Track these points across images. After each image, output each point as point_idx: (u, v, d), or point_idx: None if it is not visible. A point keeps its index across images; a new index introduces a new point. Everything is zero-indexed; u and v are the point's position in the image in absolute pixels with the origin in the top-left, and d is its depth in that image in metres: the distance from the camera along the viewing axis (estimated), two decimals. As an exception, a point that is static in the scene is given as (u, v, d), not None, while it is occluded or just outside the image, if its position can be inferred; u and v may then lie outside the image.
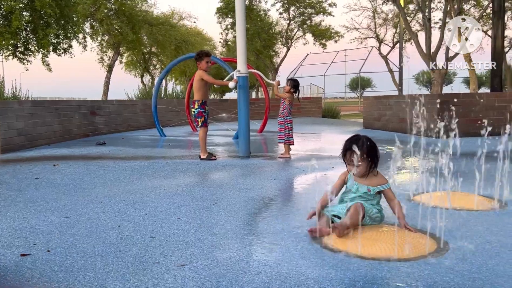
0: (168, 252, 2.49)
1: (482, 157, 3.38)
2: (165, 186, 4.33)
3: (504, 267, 2.20)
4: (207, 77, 6.01)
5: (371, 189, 2.78)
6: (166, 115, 12.05)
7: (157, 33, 27.53)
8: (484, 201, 3.45)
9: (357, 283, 2.04)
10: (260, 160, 5.98)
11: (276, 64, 33.01)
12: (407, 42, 26.12)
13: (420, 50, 12.61)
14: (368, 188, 2.78)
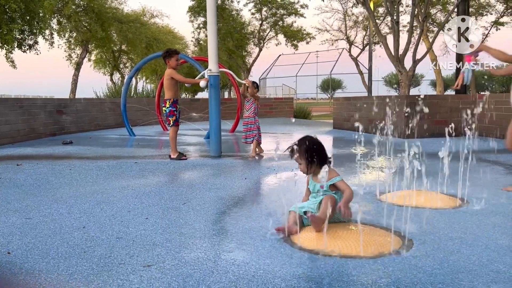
0: (134, 252, 2.45)
1: (445, 157, 3.48)
2: (133, 186, 4.25)
3: (464, 262, 2.27)
4: (178, 76, 5.95)
5: (324, 185, 2.85)
6: (135, 114, 11.86)
7: (127, 30, 27.02)
8: (447, 199, 3.56)
9: (323, 280, 2.07)
10: (231, 160, 5.97)
11: (249, 64, 33.04)
12: (377, 44, 26.65)
13: (388, 53, 12.88)
14: (321, 185, 2.86)
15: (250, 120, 6.30)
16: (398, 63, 12.85)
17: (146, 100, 13.06)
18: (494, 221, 2.99)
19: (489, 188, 3.89)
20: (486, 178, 4.49)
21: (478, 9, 26.80)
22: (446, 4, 25.78)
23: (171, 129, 5.96)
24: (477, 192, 3.69)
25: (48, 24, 22.77)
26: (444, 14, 25.65)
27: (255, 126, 6.29)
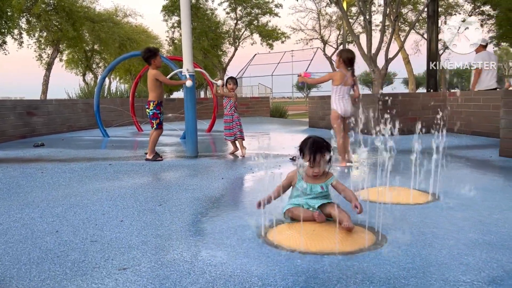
0: (109, 256, 2.42)
1: (418, 154, 3.56)
2: (107, 189, 4.19)
3: (435, 256, 2.33)
4: (163, 77, 5.89)
5: (324, 186, 2.84)
6: (109, 115, 11.66)
7: (100, 30, 26.56)
8: (419, 195, 3.65)
9: (299, 278, 2.09)
10: (208, 160, 5.95)
11: (224, 64, 32.98)
12: (350, 43, 27.03)
13: (361, 52, 13.10)
14: (321, 185, 2.84)
15: (228, 119, 6.30)
16: (371, 62, 13.08)
17: (120, 100, 12.86)
18: (464, 215, 3.08)
19: (459, 183, 4.00)
20: (456, 173, 4.62)
21: (447, 9, 27.52)
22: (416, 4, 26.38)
23: (154, 132, 5.87)
24: (447, 187, 3.80)
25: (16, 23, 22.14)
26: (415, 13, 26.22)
27: (233, 124, 6.27)
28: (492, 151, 6.02)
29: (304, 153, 2.78)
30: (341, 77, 5.14)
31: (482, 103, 7.88)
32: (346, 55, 5.18)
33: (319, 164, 2.74)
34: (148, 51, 5.84)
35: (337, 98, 5.16)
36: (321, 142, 2.78)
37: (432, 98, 8.81)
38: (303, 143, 2.81)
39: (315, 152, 2.73)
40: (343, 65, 5.16)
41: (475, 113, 8.01)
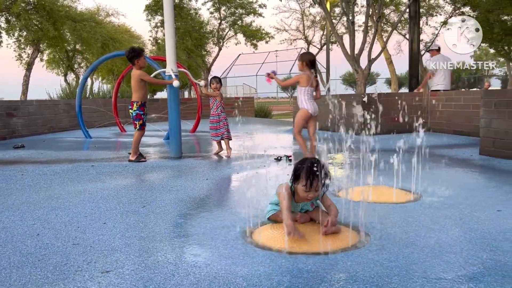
0: (92, 259, 2.38)
1: (400, 153, 3.61)
2: (90, 190, 4.13)
3: (418, 254, 2.37)
4: (148, 77, 5.84)
5: (314, 202, 2.80)
6: (92, 115, 11.51)
7: (82, 29, 26.15)
8: (402, 194, 3.69)
9: (284, 277, 2.09)
10: (192, 161, 5.92)
11: (209, 64, 32.86)
12: (334, 44, 27.21)
13: (345, 52, 13.20)
14: (311, 203, 2.79)
15: (214, 119, 6.30)
16: (354, 62, 13.19)
17: (103, 101, 12.71)
18: (445, 214, 3.13)
19: (441, 182, 4.07)
20: (437, 172, 4.70)
21: (429, 10, 27.92)
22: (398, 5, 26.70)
23: (137, 132, 5.82)
24: (429, 186, 3.86)
25: (-5, 23, 21.68)
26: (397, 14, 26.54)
27: (221, 124, 6.27)
28: (472, 150, 6.14)
29: (299, 176, 2.60)
30: (307, 79, 5.38)
31: (463, 103, 8.02)
32: (307, 57, 5.45)
33: (315, 190, 2.61)
34: (132, 51, 5.78)
35: (305, 99, 5.41)
36: (319, 166, 2.57)
37: (414, 98, 8.92)
38: (299, 166, 2.63)
39: (313, 179, 2.56)
40: (306, 67, 5.40)
41: (456, 113, 8.15)
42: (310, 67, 5.42)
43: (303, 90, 5.38)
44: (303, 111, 5.42)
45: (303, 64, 5.40)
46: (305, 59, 5.40)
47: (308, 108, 5.39)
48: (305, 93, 5.39)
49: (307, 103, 5.39)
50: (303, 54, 5.54)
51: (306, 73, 5.38)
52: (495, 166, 5.03)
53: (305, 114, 5.41)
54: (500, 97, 5.62)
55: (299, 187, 2.62)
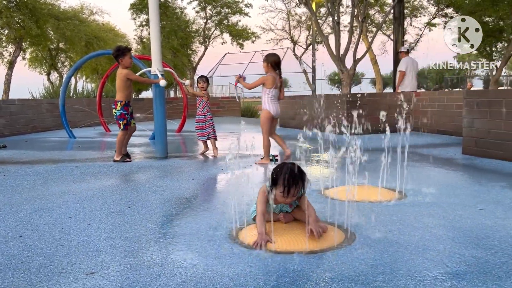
0: (76, 260, 2.36)
1: (385, 152, 3.65)
2: (74, 191, 4.08)
3: (402, 252, 2.40)
4: (135, 76, 5.79)
5: (293, 203, 2.79)
6: (76, 115, 11.37)
7: (65, 28, 25.79)
8: (387, 192, 3.74)
9: (270, 277, 2.10)
10: (178, 161, 5.90)
11: (194, 63, 32.75)
12: (319, 44, 27.37)
13: (330, 52, 13.28)
14: (290, 204, 2.78)
15: (200, 119, 6.30)
16: (340, 63, 13.29)
17: (87, 100, 12.56)
18: (429, 212, 3.18)
19: (425, 181, 4.13)
20: (421, 171, 4.76)
21: (413, 11, 28.27)
22: (383, 6, 26.98)
23: (120, 132, 5.76)
24: (413, 185, 3.91)
25: (-25, 20, 21.25)
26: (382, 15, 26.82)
27: (207, 124, 6.27)
28: (455, 149, 6.24)
29: (277, 182, 2.56)
30: (273, 80, 5.41)
31: (446, 103, 8.14)
32: (272, 59, 5.46)
33: (292, 195, 2.59)
34: (117, 50, 5.74)
35: (269, 100, 5.45)
36: (297, 172, 2.56)
37: (398, 98, 9.02)
38: (277, 171, 2.58)
39: (290, 185, 2.54)
40: (271, 68, 5.43)
41: (439, 113, 8.27)
42: (275, 68, 5.43)
43: (267, 91, 5.41)
44: (266, 113, 5.46)
45: (268, 65, 5.41)
46: (270, 61, 5.41)
47: (271, 110, 5.45)
48: (269, 94, 5.42)
49: (270, 104, 5.43)
50: (268, 56, 5.54)
51: (271, 74, 5.41)
52: (477, 165, 5.13)
53: (269, 116, 5.47)
54: (482, 97, 5.72)
55: (277, 192, 2.59)
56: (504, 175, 4.49)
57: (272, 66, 5.41)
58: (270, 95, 5.43)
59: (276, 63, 5.43)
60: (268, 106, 5.44)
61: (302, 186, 2.59)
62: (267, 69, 5.44)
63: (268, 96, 5.43)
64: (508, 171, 4.72)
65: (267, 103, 5.44)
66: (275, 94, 5.47)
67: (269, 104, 5.44)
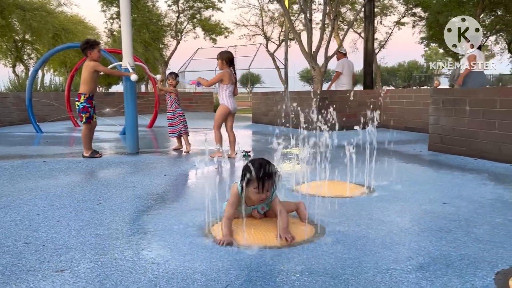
0: (45, 258, 2.32)
1: (354, 149, 3.74)
2: (42, 187, 3.99)
3: (370, 246, 2.48)
4: (103, 68, 5.67)
5: (265, 206, 2.79)
6: (43, 109, 11.06)
7: (32, 19, 24.98)
8: (356, 187, 3.83)
9: (242, 272, 2.13)
10: (150, 156, 5.84)
11: (166, 57, 32.34)
12: (292, 40, 27.53)
13: (302, 49, 13.38)
14: (262, 206, 2.78)
15: (170, 115, 6.29)
16: (311, 60, 13.42)
17: (55, 94, 12.23)
18: (396, 207, 3.29)
19: (392, 177, 4.25)
20: (389, 167, 4.90)
21: (383, 10, 28.84)
22: (354, 4, 27.37)
23: (83, 126, 5.65)
24: (381, 181, 4.03)
25: None
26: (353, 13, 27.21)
27: (177, 120, 6.24)
28: (422, 146, 6.44)
29: (250, 178, 2.54)
30: (229, 76, 5.58)
31: (413, 100, 8.37)
32: (226, 55, 5.63)
33: (266, 190, 2.59)
34: (86, 43, 5.62)
35: (226, 95, 5.60)
36: (269, 167, 2.56)
37: (367, 95, 9.22)
38: (250, 167, 2.54)
39: (264, 179, 2.53)
40: (226, 65, 5.59)
41: (407, 110, 8.51)
42: (229, 64, 5.59)
43: (225, 87, 5.56)
44: (223, 108, 5.60)
45: (223, 62, 5.57)
46: (225, 57, 5.56)
47: (229, 105, 5.59)
48: (226, 90, 5.57)
49: (227, 100, 5.58)
50: (222, 53, 5.67)
51: (227, 70, 5.56)
52: (442, 162, 5.31)
53: (226, 111, 5.61)
54: (447, 96, 5.92)
55: (251, 189, 2.57)
56: (467, 171, 4.68)
57: (227, 63, 5.57)
58: (227, 91, 5.57)
59: (230, 60, 5.63)
60: (226, 101, 5.58)
61: (275, 180, 2.60)
62: (222, 66, 5.60)
63: (225, 92, 5.57)
64: (471, 167, 4.92)
65: (225, 99, 5.58)
66: (231, 90, 5.63)
67: (227, 100, 5.58)
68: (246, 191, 2.60)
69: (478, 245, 2.47)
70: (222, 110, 5.61)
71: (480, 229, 2.76)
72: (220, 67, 5.62)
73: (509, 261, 2.25)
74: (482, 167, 4.89)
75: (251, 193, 2.60)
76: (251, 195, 2.62)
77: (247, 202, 2.69)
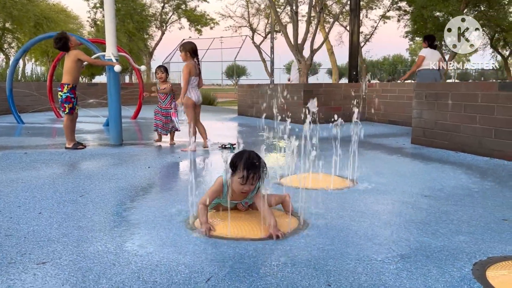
0: (26, 250, 2.29)
1: (338, 142, 3.77)
2: (23, 179, 3.93)
3: (352, 238, 2.51)
4: (86, 57, 5.58)
5: (248, 201, 2.77)
6: (24, 99, 10.85)
7: (12, 7, 24.36)
8: (339, 180, 3.87)
9: (226, 263, 2.14)
10: (133, 148, 5.79)
11: (151, 48, 31.97)
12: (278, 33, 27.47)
13: (288, 42, 13.39)
14: (246, 201, 2.77)
15: (168, 112, 6.19)
16: (297, 52, 13.43)
17: (36, 84, 11.99)
18: (378, 199, 3.34)
19: (375, 170, 4.31)
20: (372, 160, 4.96)
21: (368, 3, 28.92)
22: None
23: (66, 117, 5.56)
24: (364, 173, 4.07)
25: None
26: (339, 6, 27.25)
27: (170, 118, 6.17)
28: (405, 139, 6.52)
29: (236, 168, 2.54)
30: (193, 68, 5.46)
31: (397, 94, 8.46)
32: (189, 46, 5.49)
33: (251, 182, 2.56)
34: (61, 37, 5.49)
35: (190, 87, 5.49)
36: (257, 159, 2.55)
37: (352, 89, 9.28)
38: (237, 157, 2.56)
39: (249, 170, 2.51)
40: (190, 57, 5.47)
41: (391, 103, 8.59)
42: (193, 56, 5.45)
43: (190, 79, 5.45)
44: (188, 100, 5.48)
45: (186, 54, 5.41)
46: (188, 49, 5.41)
47: (192, 97, 5.51)
48: (191, 83, 5.45)
49: (191, 92, 5.47)
50: (185, 44, 5.52)
51: (191, 62, 5.44)
52: (424, 155, 5.39)
53: (190, 103, 5.50)
54: (430, 90, 6.00)
55: (235, 179, 2.55)
56: (448, 164, 4.76)
57: (190, 54, 5.43)
58: (192, 84, 5.48)
59: (194, 51, 5.45)
60: (189, 93, 5.48)
61: (261, 175, 2.58)
62: (186, 58, 5.43)
63: (190, 85, 5.46)
64: (452, 160, 5.01)
65: (189, 91, 5.47)
66: (196, 82, 5.54)
67: (191, 92, 5.49)
68: (231, 181, 2.60)
69: (457, 237, 2.53)
70: (188, 103, 5.50)
71: (459, 221, 2.82)
72: (184, 59, 5.46)
73: (487, 252, 2.31)
74: (463, 160, 4.98)
75: (235, 183, 2.58)
76: (235, 186, 2.60)
77: (232, 194, 2.65)
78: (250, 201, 2.79)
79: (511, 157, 4.78)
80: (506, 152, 4.84)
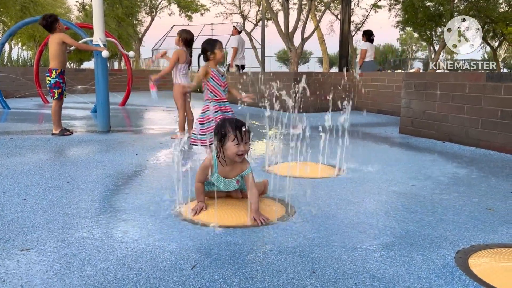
0: (10, 236, 2.27)
1: (327, 130, 3.77)
2: (8, 165, 3.88)
3: (338, 225, 2.53)
4: (71, 40, 5.48)
5: (239, 179, 2.73)
6: (10, 84, 10.67)
7: (-3, -11, 23.81)
8: (327, 169, 3.89)
9: (212, 250, 2.15)
10: (121, 135, 5.75)
11: (140, 34, 31.58)
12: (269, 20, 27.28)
13: (279, 29, 13.32)
14: (237, 179, 2.72)
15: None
16: (288, 40, 13.37)
17: (23, 69, 11.78)
18: (365, 188, 3.36)
19: (363, 158, 4.33)
20: (360, 149, 4.98)
21: (360, -8, 28.77)
22: (332, -15, 27.19)
23: (54, 102, 5.48)
24: (352, 162, 4.09)
25: None
26: (331, -6, 27.05)
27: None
28: (393, 129, 6.56)
29: (225, 135, 2.55)
30: (185, 55, 5.44)
31: (387, 84, 8.48)
32: (185, 35, 5.49)
33: (245, 141, 2.57)
34: (49, 16, 5.40)
35: (181, 75, 5.48)
36: (240, 121, 2.62)
37: (343, 78, 9.28)
38: (222, 126, 2.58)
39: (240, 130, 2.55)
40: (182, 44, 5.46)
41: (380, 93, 8.62)
42: (186, 45, 5.46)
43: (180, 66, 5.43)
44: (179, 87, 5.47)
45: (180, 40, 5.43)
46: (183, 37, 5.44)
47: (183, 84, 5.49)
48: (181, 70, 5.44)
49: (181, 79, 5.45)
50: (182, 31, 5.53)
51: (182, 49, 5.44)
52: (412, 144, 5.43)
53: (182, 90, 5.49)
54: (419, 80, 6.02)
55: (229, 144, 2.55)
56: (435, 154, 4.80)
57: (184, 42, 5.44)
58: (182, 71, 5.46)
59: (188, 41, 5.46)
60: (180, 81, 5.46)
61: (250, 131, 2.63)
62: (178, 43, 5.45)
63: (180, 72, 5.45)
64: (439, 149, 5.05)
65: (179, 78, 5.45)
66: (186, 70, 5.53)
67: (181, 79, 5.47)
68: (225, 149, 2.59)
69: (441, 225, 2.56)
70: (178, 90, 5.47)
71: (444, 210, 2.85)
72: (176, 43, 5.46)
73: (470, 240, 2.34)
74: (450, 150, 5.03)
75: (230, 148, 2.56)
76: (230, 152, 2.57)
77: (220, 170, 2.67)
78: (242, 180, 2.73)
79: (496, 147, 4.85)
80: (492, 142, 4.90)
